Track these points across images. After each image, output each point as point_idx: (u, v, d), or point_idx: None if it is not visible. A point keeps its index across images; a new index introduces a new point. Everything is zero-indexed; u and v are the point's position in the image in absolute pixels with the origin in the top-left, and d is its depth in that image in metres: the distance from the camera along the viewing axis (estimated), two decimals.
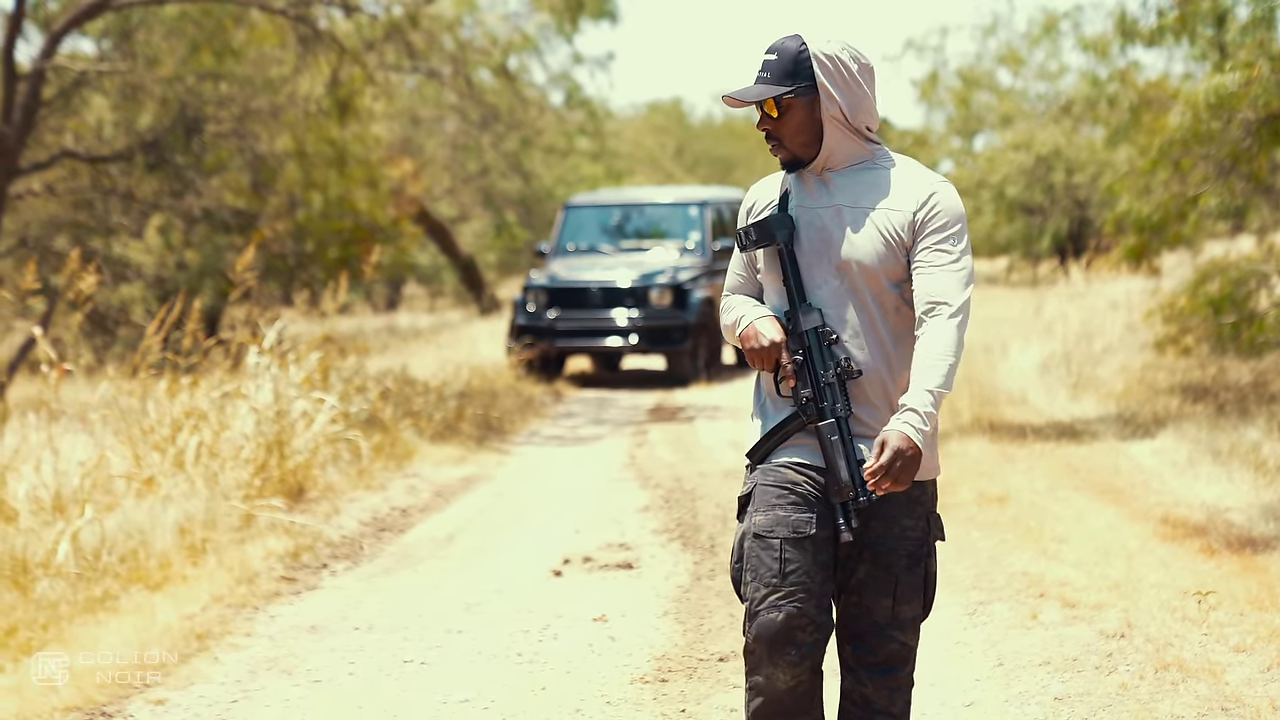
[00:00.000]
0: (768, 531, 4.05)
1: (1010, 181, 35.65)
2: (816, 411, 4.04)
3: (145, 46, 18.51)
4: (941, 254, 4.01)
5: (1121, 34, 13.88)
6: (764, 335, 4.11)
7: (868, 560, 4.10)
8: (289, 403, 10.63)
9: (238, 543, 8.74)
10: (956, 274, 4.00)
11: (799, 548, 4.02)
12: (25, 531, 7.99)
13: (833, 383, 4.02)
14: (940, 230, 4.03)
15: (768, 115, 4.11)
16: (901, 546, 4.10)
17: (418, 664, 6.57)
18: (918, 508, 4.13)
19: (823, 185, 4.14)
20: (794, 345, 4.08)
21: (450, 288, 39.63)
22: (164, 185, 19.39)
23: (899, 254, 4.04)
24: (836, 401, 4.01)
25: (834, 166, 4.12)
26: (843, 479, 3.98)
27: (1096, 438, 12.40)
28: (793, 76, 4.07)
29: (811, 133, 4.09)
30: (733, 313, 4.27)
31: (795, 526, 4.03)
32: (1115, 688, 5.89)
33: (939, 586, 7.56)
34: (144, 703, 6.01)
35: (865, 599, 4.12)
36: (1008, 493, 9.97)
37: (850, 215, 4.08)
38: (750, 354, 4.14)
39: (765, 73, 4.10)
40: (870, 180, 4.11)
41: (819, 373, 4.04)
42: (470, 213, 37.22)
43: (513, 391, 17.25)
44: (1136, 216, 15.60)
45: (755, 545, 4.06)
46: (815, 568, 4.03)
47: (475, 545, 9.27)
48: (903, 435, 3.88)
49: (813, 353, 4.05)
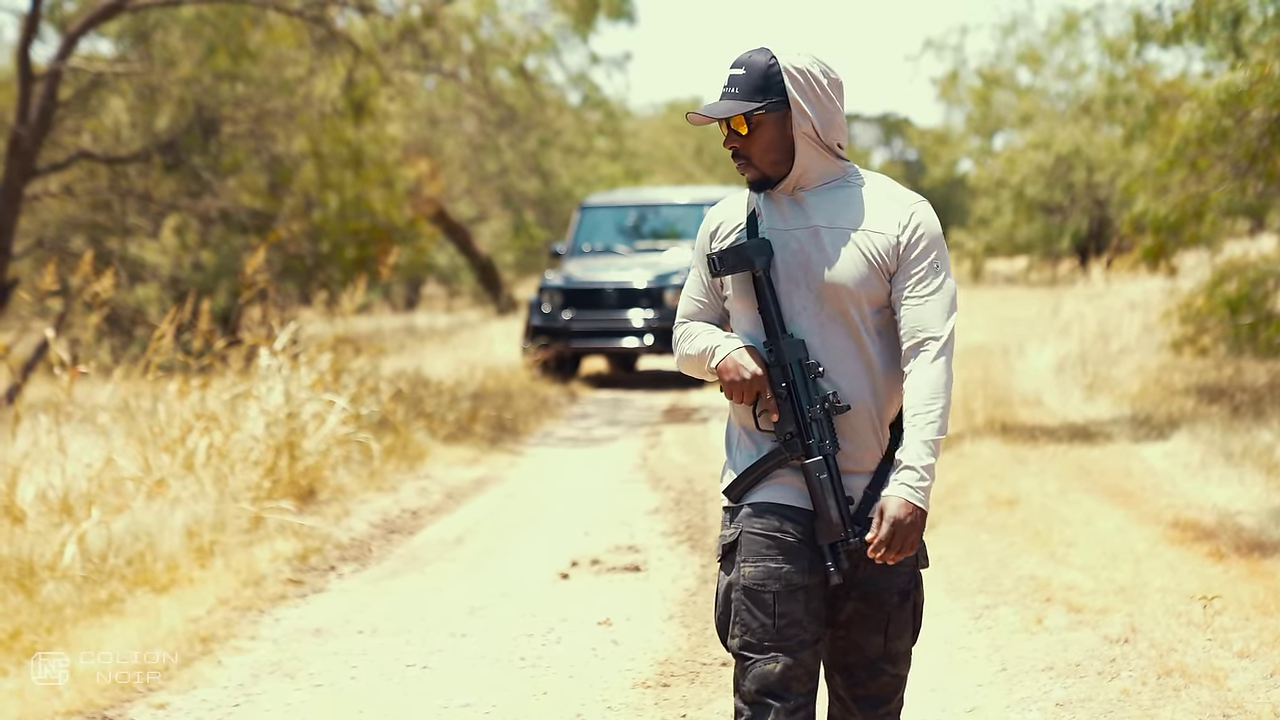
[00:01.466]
0: (759, 585, 3.85)
1: (1030, 181, 35.58)
2: (803, 449, 3.83)
3: (162, 48, 18.54)
4: (926, 282, 3.84)
5: (1138, 34, 13.83)
6: (745, 368, 3.86)
7: (857, 598, 3.92)
8: (300, 404, 10.64)
9: (246, 545, 8.75)
10: (941, 303, 3.84)
11: (792, 599, 3.84)
12: (33, 534, 8.01)
13: (819, 418, 3.81)
14: (924, 255, 3.85)
15: (735, 133, 3.89)
16: (894, 584, 3.92)
17: (420, 668, 6.57)
18: None
19: (796, 206, 3.91)
20: (777, 378, 3.85)
21: (468, 288, 39.66)
22: (181, 186, 19.43)
23: (882, 277, 3.85)
24: (824, 438, 3.81)
25: (806, 185, 3.90)
26: (832, 519, 3.80)
27: (1110, 439, 12.36)
28: (763, 92, 3.84)
29: (782, 150, 3.88)
30: (697, 341, 4.01)
31: (788, 580, 3.83)
32: (1117, 693, 5.86)
33: (944, 592, 7.62)
34: (145, 706, 6.01)
35: (855, 635, 3.95)
36: (1018, 495, 9.93)
37: (829, 237, 3.87)
38: (730, 387, 3.89)
39: (733, 88, 3.87)
40: (845, 199, 3.90)
41: (804, 407, 3.82)
42: (489, 213, 37.25)
43: (528, 392, 17.25)
44: (1153, 217, 15.57)
45: (746, 598, 3.86)
46: (809, 618, 3.85)
47: (484, 547, 9.27)
48: (902, 503, 3.74)
49: (797, 386, 3.83)
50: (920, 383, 3.80)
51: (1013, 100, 38.17)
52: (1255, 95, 11.52)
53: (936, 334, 3.83)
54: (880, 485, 3.86)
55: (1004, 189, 36.74)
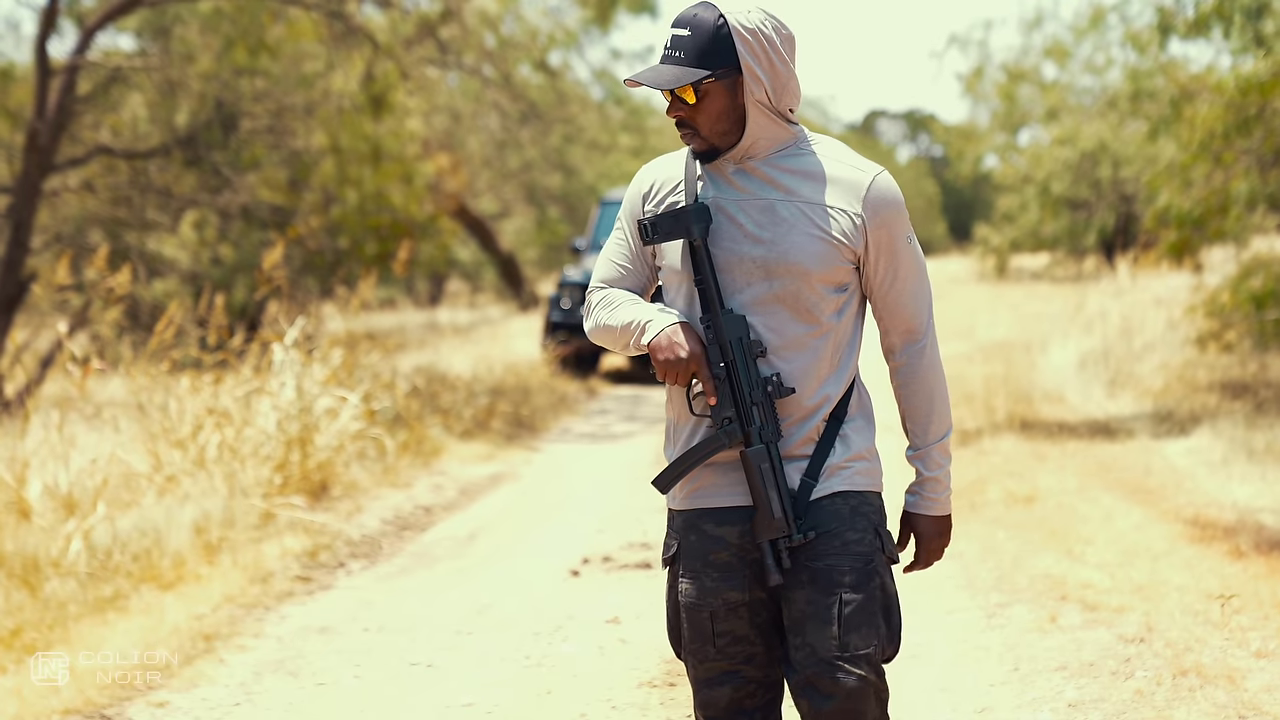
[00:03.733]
0: (697, 605, 3.57)
1: (1056, 177, 35.37)
2: (742, 435, 3.48)
3: (181, 43, 18.50)
4: (899, 261, 3.56)
5: (1160, 26, 13.69)
6: (682, 345, 3.48)
7: (806, 584, 3.49)
8: (312, 400, 10.57)
9: (255, 541, 8.68)
10: (918, 284, 3.58)
11: (734, 617, 3.56)
12: (39, 530, 7.95)
13: (761, 402, 3.47)
14: (893, 234, 3.53)
15: (680, 101, 3.50)
16: (843, 562, 3.48)
17: (424, 666, 6.49)
18: (861, 519, 3.54)
19: (746, 176, 3.54)
20: (715, 358, 3.49)
21: (491, 284, 39.62)
22: (201, 182, 19.39)
23: (842, 255, 3.51)
24: (765, 424, 3.48)
25: (756, 155, 3.53)
26: (773, 514, 3.45)
27: (1131, 436, 12.24)
28: (711, 56, 3.44)
29: (732, 119, 3.50)
30: (620, 312, 3.61)
31: (725, 598, 3.55)
32: (1131, 694, 5.76)
33: (959, 589, 7.50)
34: (145, 704, 5.94)
35: (809, 635, 3.48)
36: (1036, 492, 9.82)
37: (785, 210, 3.50)
38: (662, 366, 3.50)
39: (676, 51, 3.46)
40: (800, 169, 3.53)
41: (745, 391, 3.47)
42: (512, 209, 37.20)
43: (546, 389, 17.17)
44: (1177, 212, 15.42)
45: (686, 616, 3.60)
46: (754, 631, 3.57)
47: (495, 544, 9.19)
48: (930, 521, 3.63)
49: (737, 367, 3.47)
50: (915, 383, 3.62)
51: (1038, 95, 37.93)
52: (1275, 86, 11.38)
53: (917, 321, 3.61)
54: (817, 471, 3.53)
55: (1029, 185, 36.52)
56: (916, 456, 3.64)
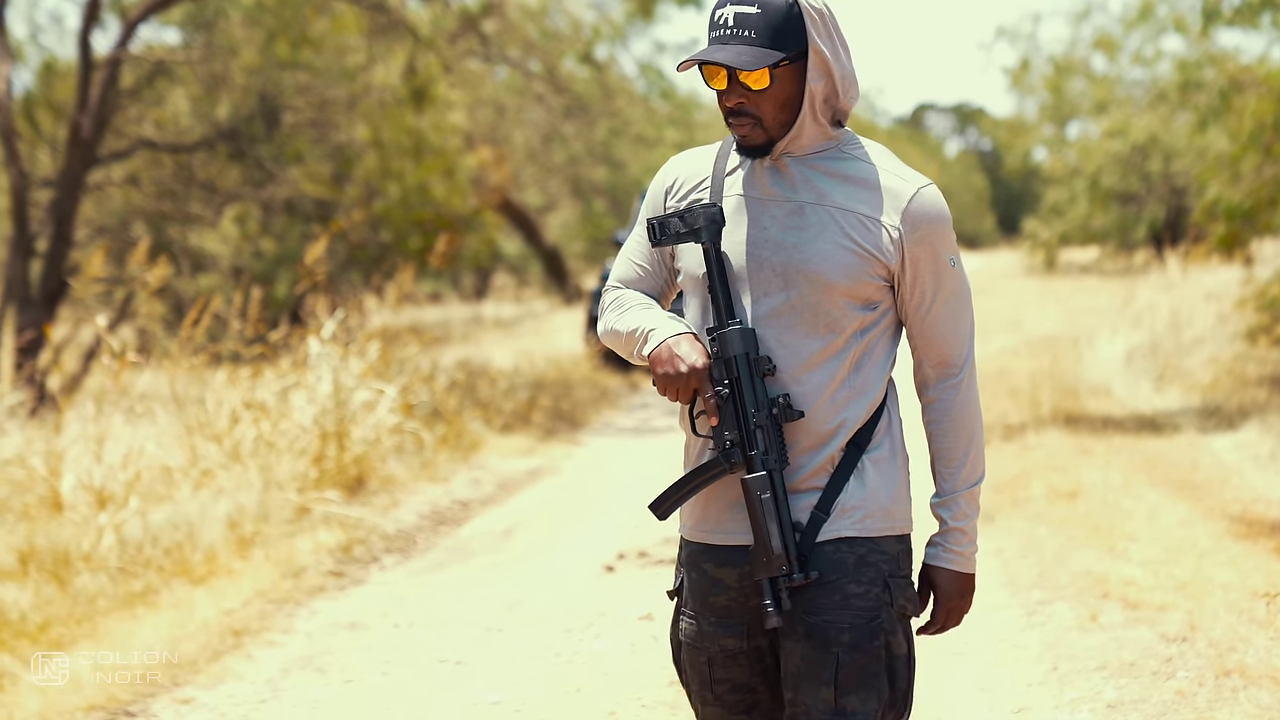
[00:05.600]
0: (695, 644, 3.29)
1: (1105, 170, 35.09)
2: (744, 460, 3.15)
3: (223, 36, 18.51)
4: (943, 285, 3.21)
5: (1206, 12, 13.51)
6: (682, 359, 3.16)
7: (801, 637, 3.17)
8: (349, 393, 10.51)
9: (289, 536, 8.62)
10: (960, 309, 3.24)
11: (733, 664, 3.27)
12: (70, 523, 7.91)
13: (766, 425, 3.14)
14: (933, 255, 3.19)
15: (742, 86, 3.14)
16: (842, 619, 3.14)
17: (453, 664, 6.41)
18: (868, 570, 3.17)
19: (777, 174, 3.21)
20: (719, 374, 3.16)
21: (537, 277, 39.61)
22: (245, 175, 19.40)
23: (872, 272, 3.16)
24: (770, 449, 3.14)
25: (794, 151, 3.20)
26: (773, 549, 3.11)
27: (1178, 430, 12.06)
28: (785, 37, 3.11)
29: (793, 109, 3.16)
30: (628, 316, 3.31)
31: (723, 645, 3.25)
32: (1172, 694, 5.63)
33: (999, 586, 7.38)
34: (170, 701, 5.88)
35: (803, 694, 3.17)
36: (1080, 487, 9.68)
37: (814, 216, 3.17)
38: (662, 380, 3.18)
39: (744, 30, 3.11)
40: (838, 173, 3.20)
41: (749, 412, 3.14)
42: (558, 202, 37.16)
43: (588, 383, 17.08)
44: (1227, 204, 15.24)
45: (685, 655, 3.33)
46: (755, 679, 3.27)
47: (532, 539, 9.11)
48: (953, 576, 3.26)
49: (742, 386, 3.14)
50: (948, 421, 3.25)
51: (1087, 88, 37.63)
52: None
53: (960, 351, 3.25)
54: (829, 505, 3.18)
55: (1078, 178, 36.26)
56: (941, 504, 3.26)
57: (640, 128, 32.03)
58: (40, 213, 16.25)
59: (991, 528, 8.78)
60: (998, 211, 70.60)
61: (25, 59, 18.86)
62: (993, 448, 11.47)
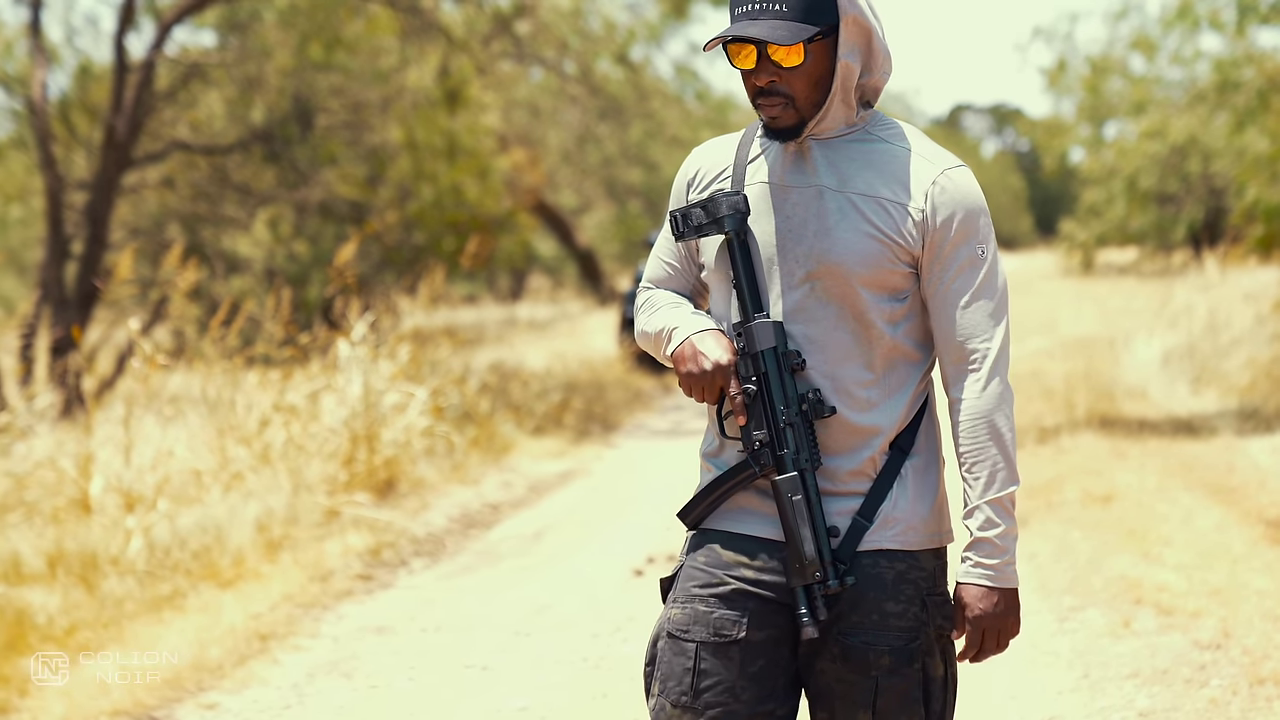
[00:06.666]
0: (682, 632, 3.02)
1: (1144, 172, 34.88)
2: (774, 461, 2.98)
3: (257, 39, 18.54)
4: (968, 274, 3.00)
5: (1241, 8, 13.39)
6: (706, 356, 3.01)
7: (837, 658, 3.01)
8: (378, 396, 10.49)
9: (318, 539, 8.60)
10: (988, 301, 3.01)
11: (721, 656, 3.00)
12: (99, 526, 7.90)
13: (796, 423, 2.98)
14: (963, 239, 2.99)
15: (773, 64, 2.97)
16: (882, 640, 2.98)
17: (479, 669, 6.37)
18: (907, 587, 3.01)
19: (799, 160, 3.04)
20: (746, 371, 3.01)
21: (572, 279, 39.60)
22: (280, 177, 19.44)
23: (897, 259, 2.99)
24: (800, 449, 2.97)
25: (819, 134, 3.04)
26: (805, 555, 2.94)
27: (1214, 433, 11.96)
28: (817, 11, 2.94)
29: (825, 88, 2.99)
30: (657, 317, 3.15)
31: (717, 627, 3.01)
32: (1205, 703, 5.56)
33: (1031, 592, 7.30)
34: (194, 706, 5.86)
35: (838, 714, 3.03)
36: (1114, 491, 9.59)
37: (834, 202, 3.00)
38: (686, 380, 3.04)
39: (778, 4, 2.93)
40: (861, 156, 3.03)
41: (778, 409, 2.98)
42: (593, 203, 37.13)
43: (621, 384, 17.05)
44: (1265, 205, 15.12)
45: (668, 648, 3.05)
46: (744, 682, 3.00)
47: (561, 542, 9.07)
48: (983, 593, 2.97)
49: (770, 382, 2.99)
50: (973, 418, 3.00)
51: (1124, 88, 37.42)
52: None
53: (984, 347, 3.01)
54: (872, 512, 3.02)
55: (1115, 179, 36.06)
56: (967, 514, 3.03)
57: (675, 129, 31.98)
58: (76, 215, 16.29)
59: (1025, 532, 8.71)
60: (1035, 212, 70.29)
61: (61, 62, 18.94)
62: (1027, 451, 11.39)
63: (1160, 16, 35.49)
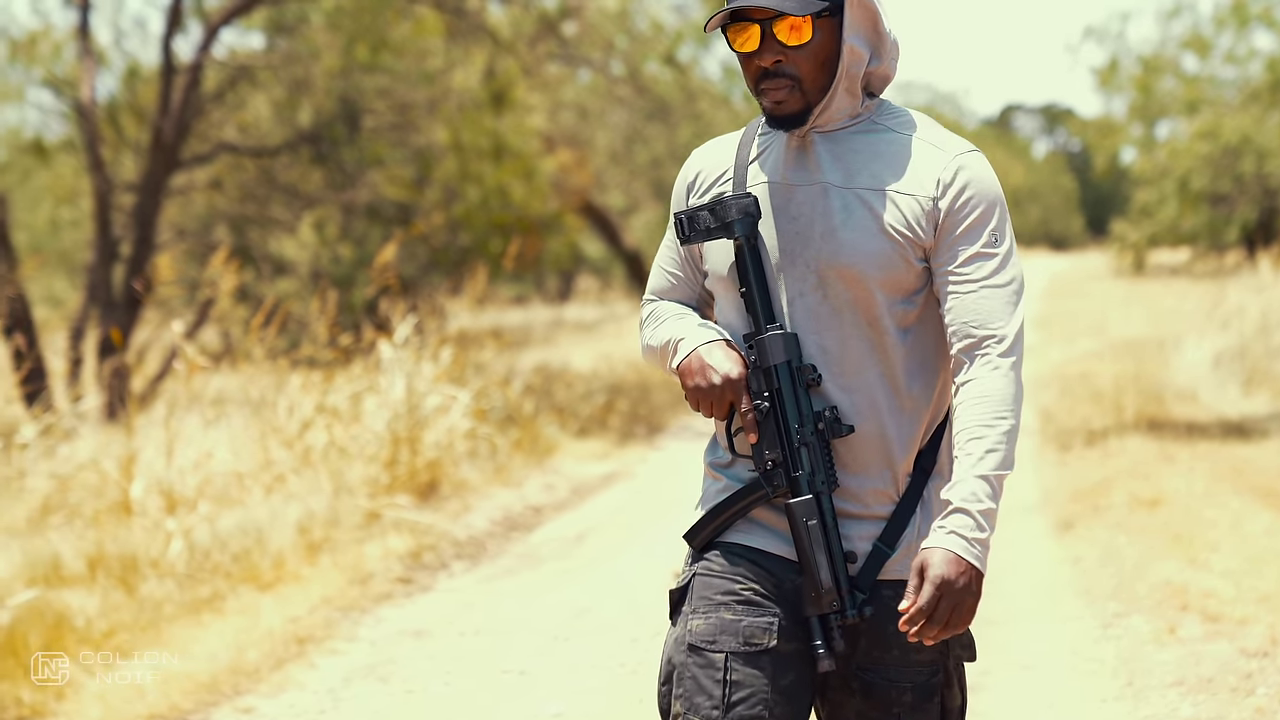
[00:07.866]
0: (708, 643, 2.83)
1: (1196, 172, 34.62)
2: (788, 482, 2.81)
3: (305, 40, 18.59)
4: (980, 262, 2.80)
5: None
6: (715, 369, 2.83)
7: (858, 693, 2.87)
8: (421, 398, 10.47)
9: (358, 542, 8.58)
10: (1003, 289, 2.80)
11: (754, 665, 2.81)
12: (140, 528, 7.90)
13: (811, 442, 2.80)
14: (976, 227, 2.80)
15: (778, 43, 2.79)
16: (905, 677, 2.85)
17: (517, 673, 6.33)
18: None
19: (802, 156, 2.87)
20: (758, 386, 2.84)
21: (620, 280, 39.58)
22: (327, 179, 19.47)
23: (911, 257, 2.81)
24: (816, 470, 2.80)
25: (823, 125, 2.86)
26: (822, 582, 2.78)
27: (1265, 436, 11.82)
28: None
29: (831, 72, 2.81)
30: (662, 328, 2.97)
31: (748, 636, 2.82)
32: (1251, 711, 5.46)
33: (1075, 597, 7.22)
34: (230, 710, 5.85)
35: None
36: (1162, 495, 9.48)
37: (840, 199, 2.82)
38: (694, 395, 2.86)
39: None
40: (868, 148, 2.85)
41: (792, 428, 2.81)
42: (641, 204, 37.10)
43: (666, 386, 16.98)
44: None
45: (691, 661, 2.84)
46: (776, 696, 2.81)
47: (603, 545, 9.03)
48: (951, 558, 2.67)
49: (784, 399, 2.81)
50: (977, 397, 2.75)
51: (1176, 87, 37.16)
52: None
53: (998, 333, 2.78)
54: (894, 538, 2.85)
55: (1167, 179, 35.80)
56: (951, 487, 2.74)
57: (723, 130, 31.85)
58: (124, 217, 16.36)
59: (1070, 536, 8.63)
60: (1086, 213, 69.86)
61: (109, 64, 19.01)
62: (1074, 453, 11.28)
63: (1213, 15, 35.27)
